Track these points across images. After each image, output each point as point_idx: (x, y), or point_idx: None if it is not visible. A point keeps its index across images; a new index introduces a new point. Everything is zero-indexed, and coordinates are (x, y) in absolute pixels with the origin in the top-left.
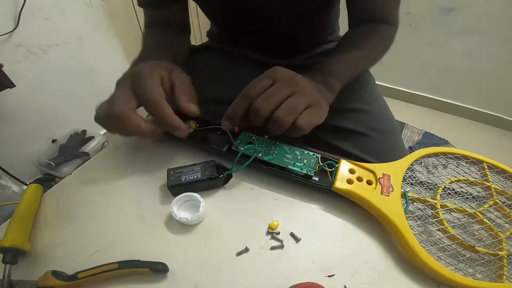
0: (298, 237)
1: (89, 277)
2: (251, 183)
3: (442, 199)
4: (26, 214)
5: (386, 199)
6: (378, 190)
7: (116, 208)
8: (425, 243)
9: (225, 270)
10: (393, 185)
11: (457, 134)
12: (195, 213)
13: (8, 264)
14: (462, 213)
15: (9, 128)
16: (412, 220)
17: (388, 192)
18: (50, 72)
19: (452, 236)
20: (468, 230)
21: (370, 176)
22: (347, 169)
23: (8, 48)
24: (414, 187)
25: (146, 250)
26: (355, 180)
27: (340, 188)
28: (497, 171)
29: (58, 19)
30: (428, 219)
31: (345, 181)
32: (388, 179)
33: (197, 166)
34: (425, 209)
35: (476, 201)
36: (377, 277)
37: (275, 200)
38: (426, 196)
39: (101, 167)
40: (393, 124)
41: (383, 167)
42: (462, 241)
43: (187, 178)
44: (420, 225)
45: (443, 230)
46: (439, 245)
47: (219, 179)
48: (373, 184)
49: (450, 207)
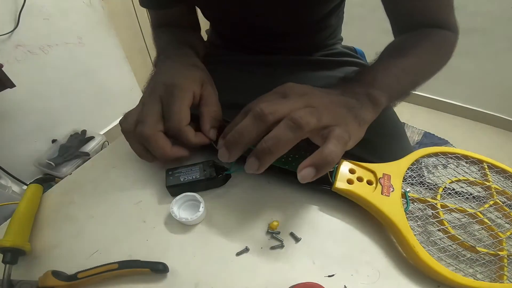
0: (298, 237)
1: (89, 277)
2: (250, 183)
3: (443, 199)
4: (26, 214)
5: (387, 199)
6: (378, 190)
7: (116, 208)
8: (426, 243)
9: (225, 270)
10: (393, 185)
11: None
12: (195, 213)
13: (8, 264)
14: (462, 213)
15: (9, 128)
16: (413, 220)
17: (389, 192)
18: (50, 72)
19: (453, 237)
20: (468, 230)
21: (370, 176)
22: (347, 169)
23: (8, 48)
24: (414, 187)
25: (146, 250)
26: (356, 180)
27: (340, 189)
28: (497, 171)
29: (58, 19)
30: (428, 219)
31: (345, 181)
32: (388, 179)
33: (196, 166)
34: (425, 209)
35: (477, 201)
36: (377, 277)
37: (275, 200)
38: (427, 196)
39: (101, 167)
40: (400, 128)
41: (383, 167)
42: (463, 241)
43: (185, 178)
44: (420, 225)
45: (444, 230)
46: (439, 246)
47: (218, 179)
48: (373, 184)
49: (450, 207)
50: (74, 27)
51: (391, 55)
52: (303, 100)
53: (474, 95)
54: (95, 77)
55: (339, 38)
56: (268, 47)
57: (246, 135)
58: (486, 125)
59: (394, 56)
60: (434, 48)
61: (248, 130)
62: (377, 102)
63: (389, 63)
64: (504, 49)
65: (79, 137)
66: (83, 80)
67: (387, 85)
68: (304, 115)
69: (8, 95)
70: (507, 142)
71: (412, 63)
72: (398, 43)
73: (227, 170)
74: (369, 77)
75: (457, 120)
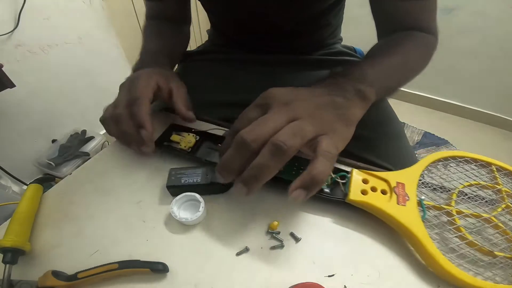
0: (298, 237)
1: (89, 277)
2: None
3: (457, 205)
4: (26, 214)
5: (403, 209)
6: (394, 200)
7: (116, 208)
8: (445, 250)
9: (225, 270)
10: (408, 194)
11: (457, 134)
12: (195, 213)
13: (8, 264)
14: (477, 218)
15: (9, 128)
16: (430, 228)
17: (405, 202)
18: (50, 72)
19: (471, 242)
20: (484, 235)
21: (384, 185)
22: (361, 179)
23: (8, 48)
24: (428, 195)
25: (146, 250)
26: (370, 191)
27: (356, 200)
28: (505, 173)
29: (58, 19)
30: (445, 227)
31: (359, 191)
32: (403, 188)
33: (199, 169)
34: (441, 216)
35: (489, 205)
36: (377, 277)
37: (275, 200)
38: (441, 203)
39: (101, 167)
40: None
41: (396, 175)
42: (481, 246)
43: (186, 181)
44: (438, 233)
45: (461, 236)
46: (458, 252)
47: (218, 185)
48: (387, 193)
49: (465, 213)
50: (74, 27)
51: (377, 54)
52: (286, 113)
53: (474, 95)
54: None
55: (339, 37)
56: (268, 46)
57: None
58: (486, 125)
59: (380, 54)
60: (417, 49)
61: (234, 159)
62: (365, 97)
63: (376, 61)
64: (504, 49)
65: (79, 137)
66: (83, 80)
67: (375, 81)
68: (287, 139)
69: (8, 95)
70: (507, 142)
71: (399, 61)
72: (383, 43)
73: None
74: (357, 72)
75: (457, 120)
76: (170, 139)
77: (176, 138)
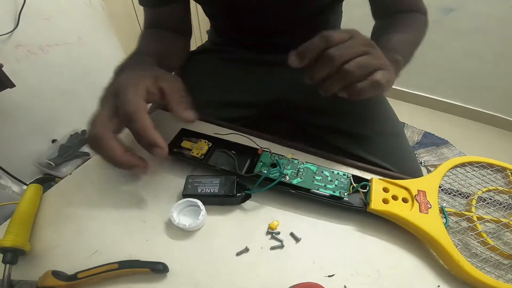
0: (298, 237)
1: (89, 277)
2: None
3: (477, 211)
4: (26, 214)
5: (426, 216)
6: (416, 208)
7: (116, 208)
8: (468, 256)
9: (225, 270)
10: (430, 202)
11: (457, 134)
12: (195, 219)
13: (8, 264)
14: (497, 224)
15: (9, 128)
16: (452, 234)
17: (427, 209)
18: (50, 72)
19: (492, 247)
20: (504, 240)
21: (405, 194)
22: (381, 188)
23: (8, 48)
24: (448, 201)
25: (146, 250)
26: (391, 199)
27: (378, 209)
28: None
29: (58, 19)
30: (467, 232)
31: (380, 200)
32: (424, 196)
33: (216, 179)
34: (462, 222)
35: (507, 210)
36: (377, 277)
37: (275, 200)
38: (462, 209)
39: (101, 167)
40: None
41: (417, 183)
42: (502, 251)
43: (203, 190)
44: (461, 239)
45: (483, 242)
46: (481, 257)
47: (236, 197)
48: (409, 202)
49: (486, 218)
50: (74, 27)
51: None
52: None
53: (474, 95)
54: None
55: None
56: (267, 45)
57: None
58: (486, 125)
59: (397, 31)
60: (419, 27)
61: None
62: (399, 66)
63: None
64: (504, 49)
65: (79, 137)
66: (83, 80)
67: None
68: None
69: (8, 95)
70: (507, 142)
71: (412, 37)
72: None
73: (249, 189)
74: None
75: (457, 120)
76: (181, 146)
77: (187, 145)
